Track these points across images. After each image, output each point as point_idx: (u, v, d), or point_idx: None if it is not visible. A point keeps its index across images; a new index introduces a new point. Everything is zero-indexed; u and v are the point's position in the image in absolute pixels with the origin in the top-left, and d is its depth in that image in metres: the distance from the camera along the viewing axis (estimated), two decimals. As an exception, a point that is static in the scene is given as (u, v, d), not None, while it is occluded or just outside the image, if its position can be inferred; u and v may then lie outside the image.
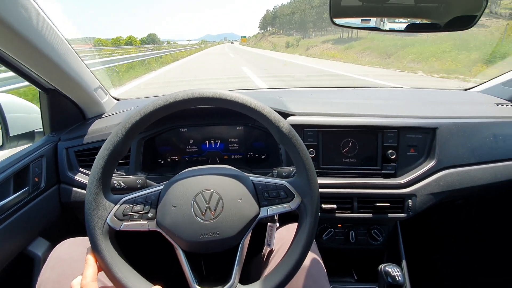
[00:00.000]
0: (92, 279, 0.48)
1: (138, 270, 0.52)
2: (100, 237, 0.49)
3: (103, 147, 0.52)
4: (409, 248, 0.99)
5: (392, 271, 0.78)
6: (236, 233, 0.53)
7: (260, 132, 1.00)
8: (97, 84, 1.03)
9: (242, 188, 0.56)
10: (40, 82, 0.86)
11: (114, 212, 0.52)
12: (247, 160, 1.03)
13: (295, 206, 0.55)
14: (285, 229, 0.83)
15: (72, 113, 1.03)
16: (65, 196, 0.93)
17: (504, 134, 0.95)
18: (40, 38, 0.71)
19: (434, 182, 0.91)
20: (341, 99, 1.19)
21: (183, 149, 1.02)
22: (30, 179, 0.83)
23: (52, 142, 0.94)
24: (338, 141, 0.95)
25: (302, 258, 0.53)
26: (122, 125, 0.52)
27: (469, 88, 1.33)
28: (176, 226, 0.52)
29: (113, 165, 0.53)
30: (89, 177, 0.51)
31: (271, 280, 0.52)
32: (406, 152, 0.94)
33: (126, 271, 0.50)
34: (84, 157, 0.95)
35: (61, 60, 0.81)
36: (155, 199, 0.55)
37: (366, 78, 8.78)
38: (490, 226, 1.24)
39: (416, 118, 0.94)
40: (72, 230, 0.89)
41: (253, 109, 0.54)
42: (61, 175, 0.93)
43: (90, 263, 0.49)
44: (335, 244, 1.02)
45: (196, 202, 0.53)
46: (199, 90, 0.53)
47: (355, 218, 0.95)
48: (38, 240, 0.86)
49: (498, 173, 0.93)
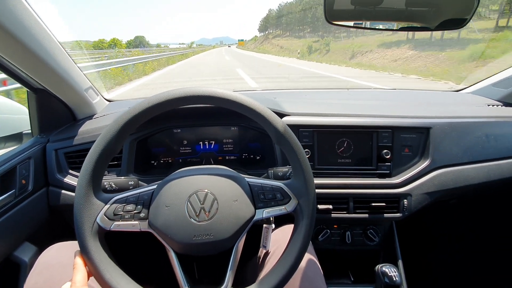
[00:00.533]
0: (82, 284, 0.46)
1: (128, 273, 0.50)
2: (89, 237, 0.47)
3: (95, 144, 0.50)
4: (405, 248, 0.99)
5: (389, 271, 0.77)
6: (230, 235, 0.52)
7: (255, 133, 1.00)
8: (88, 85, 1.01)
9: (238, 189, 0.54)
10: (29, 81, 0.84)
11: (104, 211, 0.50)
12: (242, 161, 1.02)
13: (292, 209, 0.54)
14: (280, 230, 0.82)
15: (62, 114, 1.00)
16: (53, 199, 0.90)
17: (495, 134, 0.96)
18: (28, 35, 0.69)
19: (428, 181, 0.92)
20: (336, 99, 1.19)
21: (176, 150, 1.00)
22: (17, 181, 0.80)
23: (40, 143, 0.91)
24: (333, 141, 0.95)
25: (298, 261, 0.52)
26: (116, 122, 0.51)
27: (460, 90, 1.35)
28: (169, 227, 0.51)
29: (105, 163, 0.51)
30: (80, 175, 0.49)
31: (266, 283, 0.51)
32: (401, 152, 0.94)
33: (116, 274, 0.48)
34: (74, 158, 0.93)
35: (50, 59, 0.79)
36: (147, 199, 0.53)
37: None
38: (484, 225, 1.26)
39: (410, 118, 0.95)
40: (60, 235, 0.86)
41: (250, 109, 0.53)
42: (49, 178, 0.91)
43: (79, 268, 0.47)
44: (331, 245, 1.02)
45: (190, 203, 0.52)
46: (196, 88, 0.52)
47: (351, 219, 0.94)
48: (24, 245, 0.83)
49: (491, 172, 0.94)
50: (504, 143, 0.96)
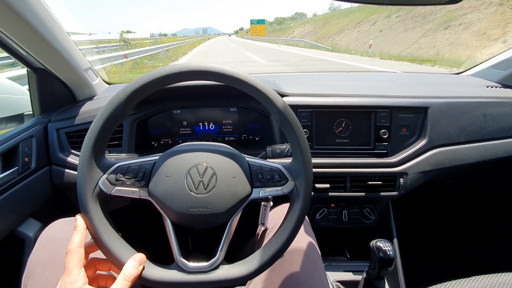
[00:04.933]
0: (79, 245, 0.47)
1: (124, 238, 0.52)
2: (90, 198, 0.49)
3: (102, 110, 0.50)
4: (400, 226, 1.01)
5: (383, 246, 0.79)
6: (226, 210, 0.53)
7: (254, 114, 1.00)
8: (88, 65, 1.01)
9: (237, 166, 0.55)
10: (29, 60, 0.84)
11: (106, 176, 0.51)
12: (241, 142, 1.03)
13: (288, 190, 0.55)
14: (278, 209, 0.84)
15: (63, 94, 1.01)
16: (56, 178, 0.92)
17: (493, 114, 0.97)
18: (29, 12, 0.69)
19: (425, 160, 0.93)
20: (336, 81, 1.19)
21: (176, 131, 1.01)
22: (20, 159, 0.81)
23: (42, 123, 0.92)
24: (332, 122, 0.96)
25: (289, 241, 0.53)
26: (125, 89, 0.51)
27: (460, 72, 1.35)
28: (168, 196, 0.52)
29: (111, 129, 0.52)
30: (85, 140, 0.50)
31: (256, 259, 0.53)
32: (398, 132, 0.95)
33: (113, 237, 0.49)
34: (75, 138, 0.94)
35: (51, 37, 0.79)
36: (149, 168, 0.54)
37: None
38: (476, 205, 1.28)
39: (408, 98, 0.95)
40: (64, 212, 0.88)
41: (252, 86, 0.53)
42: (52, 157, 0.92)
43: (79, 229, 0.48)
44: (328, 223, 1.04)
45: (190, 175, 0.53)
46: (205, 64, 0.52)
47: (348, 197, 0.96)
48: (29, 221, 0.85)
49: (486, 152, 0.95)
50: (500, 123, 0.97)
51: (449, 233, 1.36)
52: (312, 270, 0.66)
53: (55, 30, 0.81)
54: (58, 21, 0.82)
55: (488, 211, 1.25)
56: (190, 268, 0.50)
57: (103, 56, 8.83)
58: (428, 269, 1.27)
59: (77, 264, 0.46)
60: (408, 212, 1.22)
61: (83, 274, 0.46)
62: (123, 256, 0.48)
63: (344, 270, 1.00)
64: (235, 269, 0.52)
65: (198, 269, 0.50)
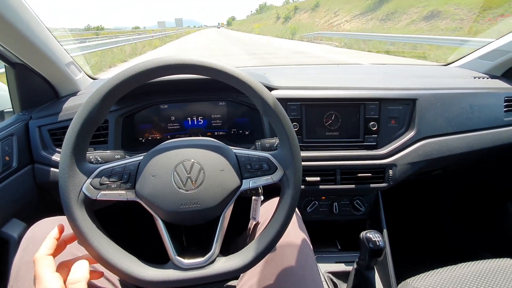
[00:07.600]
0: (46, 253, 0.46)
1: (116, 242, 0.50)
2: (75, 205, 0.47)
3: (78, 112, 0.48)
4: (390, 217, 1.03)
5: (373, 237, 0.80)
6: (217, 204, 0.52)
7: (243, 108, 0.99)
8: (69, 59, 0.97)
9: (224, 159, 0.55)
10: (5, 54, 0.80)
11: (90, 181, 0.49)
12: (231, 136, 1.01)
13: (278, 178, 0.55)
14: (269, 203, 0.84)
15: (44, 90, 0.97)
16: (40, 177, 0.89)
17: (479, 105, 0.98)
18: (4, 5, 0.66)
19: (413, 151, 0.94)
20: (325, 74, 1.18)
21: (164, 126, 0.99)
22: (0, 158, 0.78)
23: (22, 120, 0.89)
24: (321, 114, 0.95)
25: (282, 230, 0.53)
26: (99, 90, 0.49)
27: (448, 64, 1.36)
28: (156, 196, 0.51)
29: (89, 132, 0.50)
30: (63, 145, 0.48)
31: (252, 250, 0.52)
32: (387, 124, 0.95)
33: (104, 241, 0.48)
34: (59, 135, 0.91)
35: (28, 31, 0.75)
36: (134, 169, 0.53)
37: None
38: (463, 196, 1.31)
39: (397, 90, 0.96)
40: (49, 212, 0.86)
41: (238, 79, 0.52)
42: (34, 155, 0.89)
43: (50, 236, 0.48)
44: (319, 216, 1.04)
45: (177, 172, 0.52)
46: (187, 57, 0.50)
47: (338, 190, 0.96)
48: (12, 222, 0.83)
49: (473, 142, 0.96)
50: (486, 114, 0.98)
51: (437, 223, 1.39)
52: (304, 263, 0.66)
53: (32, 23, 0.77)
54: (35, 14, 0.78)
55: (474, 200, 1.28)
56: (186, 265, 0.50)
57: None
58: (417, 258, 1.30)
59: (48, 270, 0.45)
60: (398, 203, 1.24)
61: (57, 277, 0.45)
62: (117, 260, 0.47)
63: (335, 261, 1.01)
64: (231, 261, 0.52)
65: (195, 265, 0.50)
